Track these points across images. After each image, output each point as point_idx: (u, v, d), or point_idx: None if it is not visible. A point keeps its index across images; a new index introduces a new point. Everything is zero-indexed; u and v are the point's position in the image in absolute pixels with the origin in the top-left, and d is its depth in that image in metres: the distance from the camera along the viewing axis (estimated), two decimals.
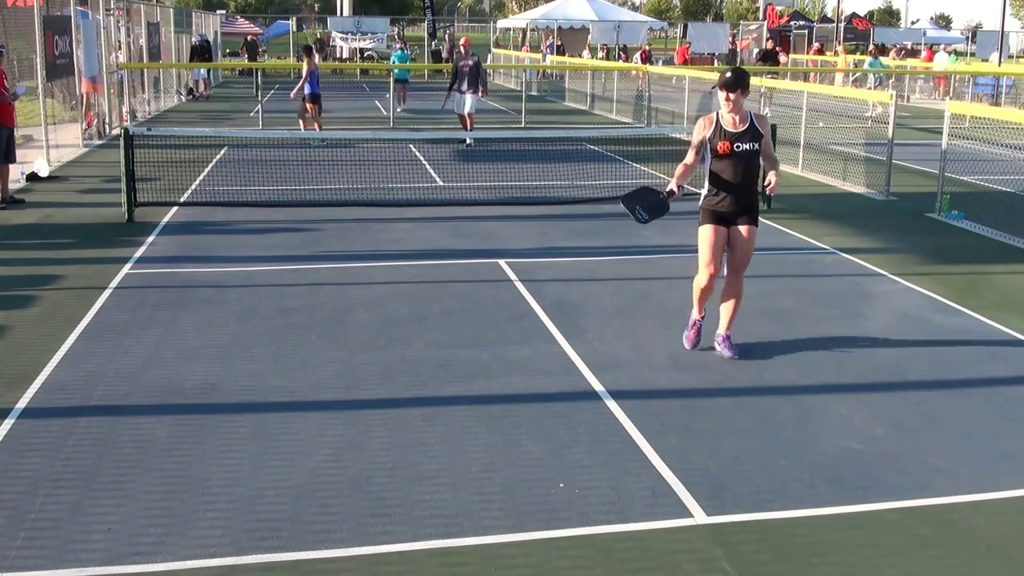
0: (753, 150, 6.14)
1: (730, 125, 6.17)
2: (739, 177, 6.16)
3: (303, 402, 5.49)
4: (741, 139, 6.10)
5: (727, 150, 6.10)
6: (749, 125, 6.15)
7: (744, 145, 6.11)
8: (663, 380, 5.95)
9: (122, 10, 19.90)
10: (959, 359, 6.45)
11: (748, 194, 6.24)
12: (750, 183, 6.23)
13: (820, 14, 68.70)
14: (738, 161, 6.12)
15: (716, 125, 6.20)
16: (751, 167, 6.21)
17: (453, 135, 16.38)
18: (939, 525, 4.24)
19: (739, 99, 6.11)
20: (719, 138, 6.15)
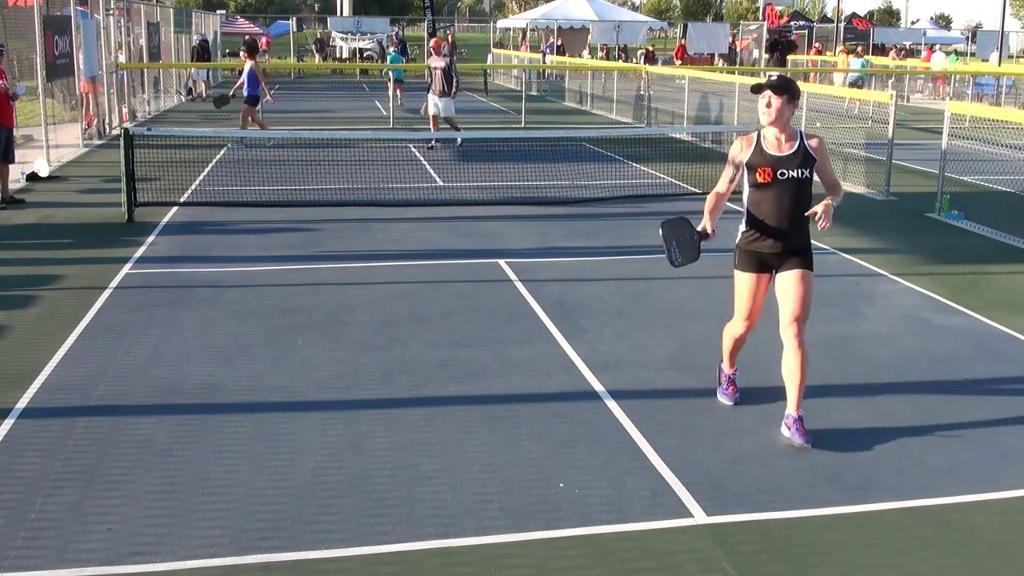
0: (803, 178, 4.98)
1: (774, 147, 5.04)
2: (785, 212, 5.00)
3: (303, 402, 5.49)
4: (787, 164, 4.97)
5: (768, 178, 4.98)
6: (799, 146, 5.02)
7: (791, 172, 4.96)
8: (663, 380, 5.94)
9: (122, 10, 19.90)
10: (959, 359, 6.45)
11: (797, 233, 5.05)
12: (800, 219, 5.02)
13: (820, 14, 68.72)
14: (783, 192, 4.98)
15: (756, 146, 5.08)
16: (801, 199, 5.01)
17: (453, 135, 16.38)
18: (939, 525, 4.24)
19: (784, 108, 4.94)
20: (759, 162, 5.02)
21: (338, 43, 41.74)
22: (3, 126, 11.16)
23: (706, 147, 17.27)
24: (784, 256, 5.07)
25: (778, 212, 5.02)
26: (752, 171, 5.05)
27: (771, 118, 4.96)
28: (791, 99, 4.98)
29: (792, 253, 5.05)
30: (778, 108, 4.95)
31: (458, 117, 17.39)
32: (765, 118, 4.99)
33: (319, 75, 38.18)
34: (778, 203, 5.01)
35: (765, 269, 5.14)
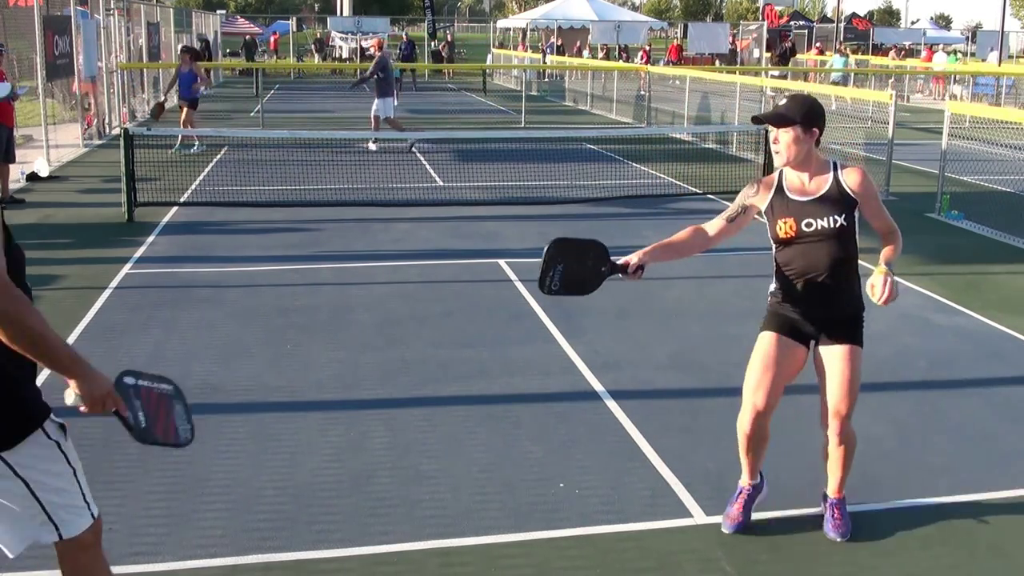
0: (839, 229, 3.84)
1: (797, 190, 3.91)
2: (821, 273, 3.88)
3: (303, 402, 5.49)
4: (816, 212, 3.84)
5: (793, 232, 3.87)
6: (831, 186, 3.86)
7: (821, 222, 3.83)
8: (663, 380, 5.95)
9: (122, 10, 19.90)
10: (959, 359, 6.45)
11: (840, 298, 3.93)
12: (843, 279, 3.91)
13: (820, 14, 68.73)
14: (815, 248, 3.87)
15: (776, 189, 3.96)
16: (843, 254, 3.89)
17: (452, 135, 16.37)
18: (939, 525, 4.24)
19: (798, 142, 3.81)
20: (780, 212, 3.91)
21: (337, 43, 41.75)
22: (3, 125, 11.16)
23: (706, 147, 17.28)
24: (825, 326, 3.96)
25: (812, 273, 3.88)
26: (772, 223, 3.96)
27: (782, 159, 3.87)
28: (807, 126, 3.80)
29: (836, 323, 3.95)
30: (788, 144, 3.82)
31: (458, 117, 17.39)
32: (777, 159, 3.90)
33: (319, 75, 38.17)
34: (811, 262, 3.87)
35: (797, 336, 3.99)
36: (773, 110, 3.88)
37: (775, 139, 3.86)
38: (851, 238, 3.90)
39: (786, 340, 3.98)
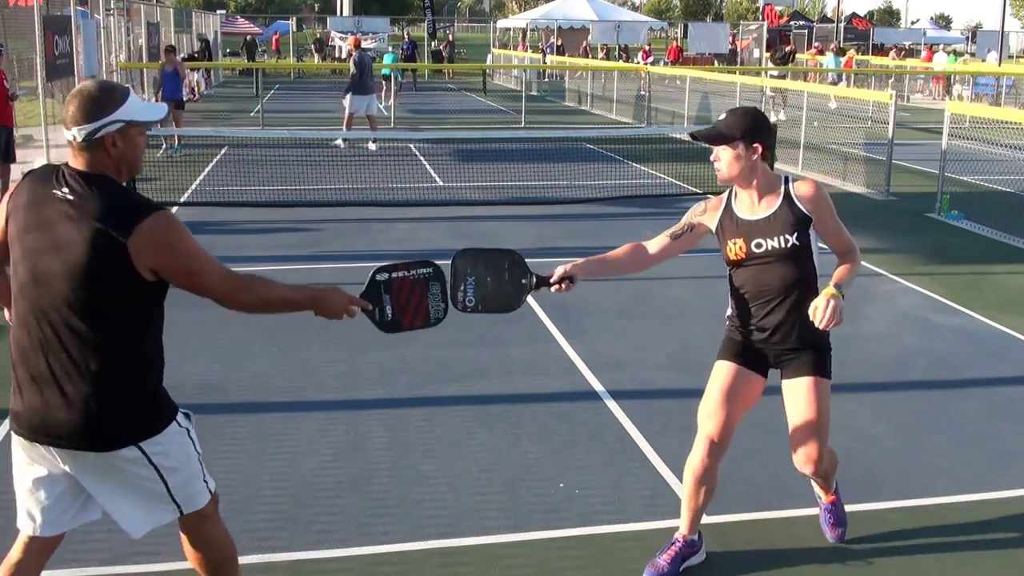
0: (791, 249, 3.53)
1: (746, 208, 3.66)
2: (776, 295, 3.59)
3: (303, 402, 5.49)
4: (766, 232, 3.56)
5: (743, 254, 3.61)
6: (782, 203, 3.56)
7: (772, 242, 3.54)
8: (663, 380, 5.95)
9: (122, 10, 19.90)
10: (959, 359, 6.45)
11: (799, 322, 3.55)
12: (801, 303, 3.53)
13: (820, 14, 68.74)
14: (767, 270, 3.58)
15: (726, 208, 3.76)
16: (799, 275, 3.57)
17: (452, 135, 16.37)
18: (939, 525, 4.24)
19: (739, 160, 3.56)
20: (729, 233, 3.68)
21: (337, 43, 41.74)
22: (2, 126, 11.16)
23: (706, 147, 17.25)
24: (785, 354, 3.66)
25: (766, 297, 3.60)
26: (722, 244, 3.71)
27: (722, 176, 3.65)
28: (749, 142, 3.52)
29: (796, 352, 3.62)
30: (729, 162, 3.59)
31: (459, 117, 17.39)
32: (718, 176, 3.68)
33: (319, 75, 38.19)
34: (763, 285, 3.58)
35: (754, 364, 3.69)
36: (711, 126, 3.67)
37: (715, 157, 3.65)
38: (807, 258, 3.57)
39: (743, 370, 3.69)
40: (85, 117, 2.72)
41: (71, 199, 2.72)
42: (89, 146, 2.75)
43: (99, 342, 2.76)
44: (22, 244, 2.77)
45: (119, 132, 2.76)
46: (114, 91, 2.82)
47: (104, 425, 2.79)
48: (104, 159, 2.77)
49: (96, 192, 2.73)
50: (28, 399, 2.79)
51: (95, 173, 2.77)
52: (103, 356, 2.77)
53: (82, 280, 2.70)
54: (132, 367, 2.87)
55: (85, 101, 2.73)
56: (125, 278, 2.74)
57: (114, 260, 2.70)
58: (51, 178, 2.79)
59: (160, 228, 2.75)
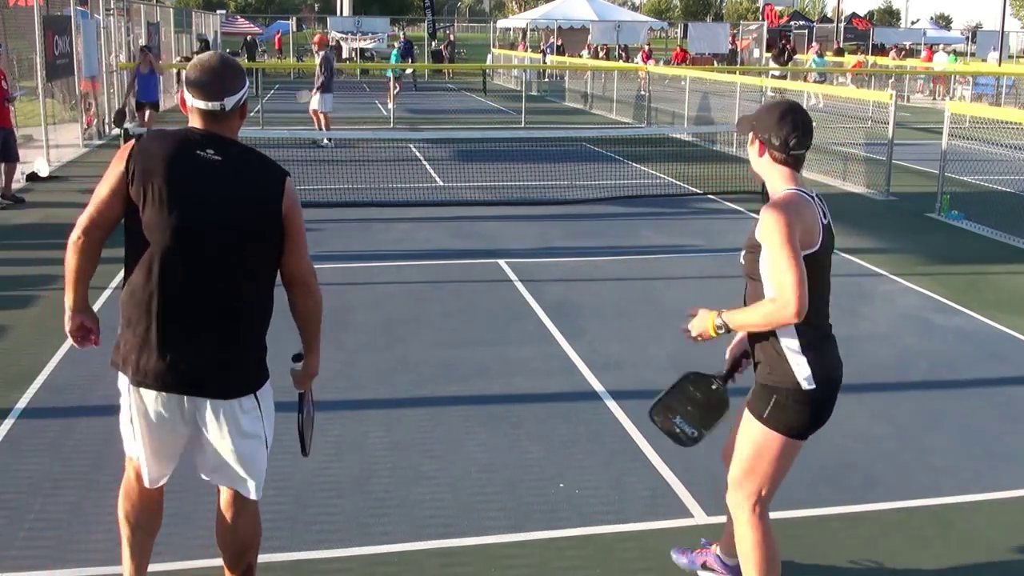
0: (746, 268, 3.24)
1: None
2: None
3: None
4: (745, 244, 3.26)
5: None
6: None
7: (742, 256, 3.30)
8: (663, 380, 5.89)
9: (122, 10, 19.89)
10: (959, 359, 6.45)
11: (754, 350, 3.32)
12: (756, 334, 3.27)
13: (820, 14, 68.74)
14: (746, 286, 3.32)
15: None
16: (754, 300, 3.21)
17: (452, 135, 16.35)
18: (939, 525, 4.24)
19: (752, 153, 3.30)
20: None
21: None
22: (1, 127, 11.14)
23: (706, 147, 17.28)
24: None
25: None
26: None
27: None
28: (756, 135, 3.25)
29: (757, 379, 3.30)
30: (751, 154, 3.32)
31: (459, 117, 17.38)
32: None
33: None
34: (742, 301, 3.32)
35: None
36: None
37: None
38: (759, 285, 3.16)
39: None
40: (235, 87, 2.99)
41: (219, 158, 2.94)
42: (231, 114, 3.00)
43: (251, 295, 3.05)
44: (170, 199, 2.90)
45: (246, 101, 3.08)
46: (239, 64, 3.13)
47: (240, 374, 3.12)
48: (237, 125, 3.08)
49: (243, 154, 3.01)
50: (168, 351, 2.97)
51: (230, 138, 3.03)
52: (252, 309, 3.09)
53: (241, 238, 2.95)
54: (267, 320, 3.19)
55: (234, 71, 3.02)
56: (276, 234, 3.02)
57: (271, 217, 2.99)
58: (185, 140, 2.97)
59: (294, 190, 3.07)
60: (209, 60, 3.02)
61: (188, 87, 2.98)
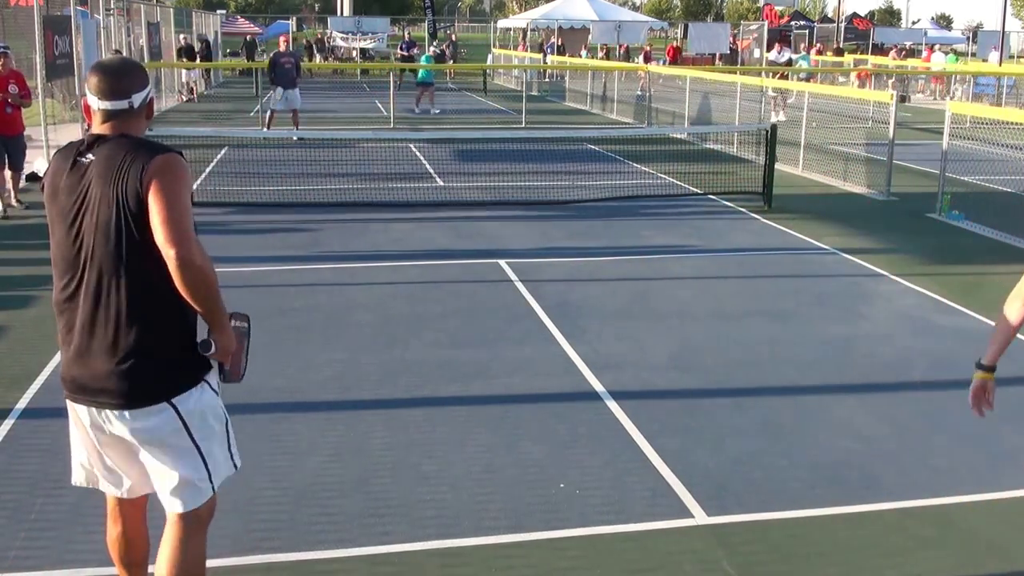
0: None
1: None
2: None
3: (303, 402, 5.49)
4: None
5: None
6: None
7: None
8: (663, 380, 5.94)
9: (122, 10, 19.90)
10: (959, 359, 6.44)
11: None
12: None
13: (821, 14, 68.73)
14: None
15: None
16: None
17: (452, 135, 16.34)
18: (939, 525, 4.24)
19: None
20: None
21: (338, 43, 41.71)
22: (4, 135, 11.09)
23: (707, 147, 17.28)
24: None
25: None
26: None
27: None
28: None
29: None
30: None
31: (460, 117, 17.39)
32: None
33: (319, 75, 38.19)
34: None
35: None
36: None
37: None
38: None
39: None
40: (141, 84, 2.98)
41: (92, 157, 2.89)
42: (138, 112, 2.98)
43: (144, 296, 2.90)
44: (58, 211, 2.92)
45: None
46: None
47: (139, 379, 2.90)
48: (143, 125, 3.04)
49: (125, 148, 2.90)
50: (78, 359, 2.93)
51: (126, 136, 2.95)
52: (147, 310, 2.91)
53: (117, 237, 2.86)
54: (170, 319, 2.98)
55: (138, 69, 3.02)
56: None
57: (140, 206, 2.85)
58: (73, 149, 2.95)
59: (166, 164, 2.90)
60: (111, 61, 3.03)
61: (92, 89, 2.93)
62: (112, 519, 3.24)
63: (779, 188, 12.10)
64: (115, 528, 3.24)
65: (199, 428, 3.01)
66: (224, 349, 3.03)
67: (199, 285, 2.85)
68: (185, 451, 2.99)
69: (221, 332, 3.00)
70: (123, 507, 3.21)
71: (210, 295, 2.89)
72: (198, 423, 3.00)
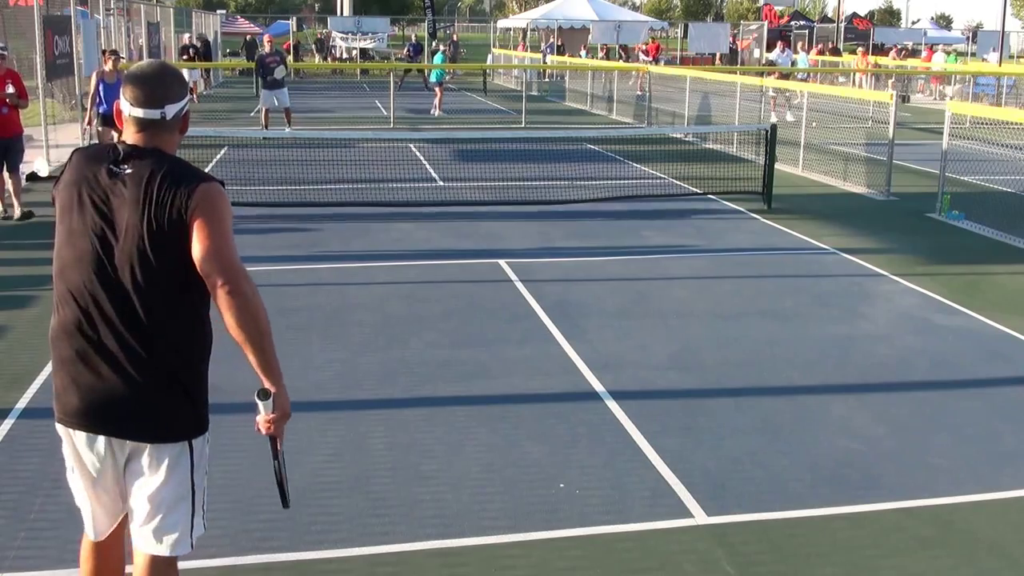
0: None
1: None
2: None
3: (303, 402, 5.47)
4: None
5: None
6: None
7: None
8: (663, 380, 5.94)
9: (122, 10, 19.89)
10: (959, 359, 6.45)
11: None
12: None
13: (821, 14, 68.71)
14: None
15: None
16: None
17: (452, 135, 16.33)
18: (939, 525, 4.24)
19: None
20: None
21: (338, 43, 41.70)
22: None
23: (707, 147, 17.27)
24: None
25: None
26: None
27: None
28: None
29: None
30: None
31: (460, 117, 17.40)
32: None
33: (319, 75, 38.19)
34: None
35: None
36: None
37: None
38: None
39: None
40: (178, 95, 2.82)
41: (131, 171, 2.73)
42: (171, 124, 2.82)
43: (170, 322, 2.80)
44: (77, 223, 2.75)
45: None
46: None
47: (164, 413, 2.78)
48: (176, 139, 2.88)
49: (161, 165, 2.75)
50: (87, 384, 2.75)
51: (158, 150, 2.80)
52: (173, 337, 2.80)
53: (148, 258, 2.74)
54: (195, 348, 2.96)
55: (176, 79, 2.85)
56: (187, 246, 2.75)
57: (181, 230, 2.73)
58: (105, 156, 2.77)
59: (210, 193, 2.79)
60: (150, 67, 2.85)
61: (125, 94, 2.77)
62: (88, 554, 3.12)
63: (779, 188, 12.10)
64: (89, 563, 3.12)
65: (200, 476, 2.92)
66: (281, 407, 2.86)
67: (249, 319, 2.77)
68: (182, 496, 2.88)
69: (277, 382, 2.85)
70: (100, 546, 3.10)
71: (262, 331, 2.79)
72: (200, 472, 2.92)
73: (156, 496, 2.84)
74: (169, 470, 2.82)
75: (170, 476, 2.83)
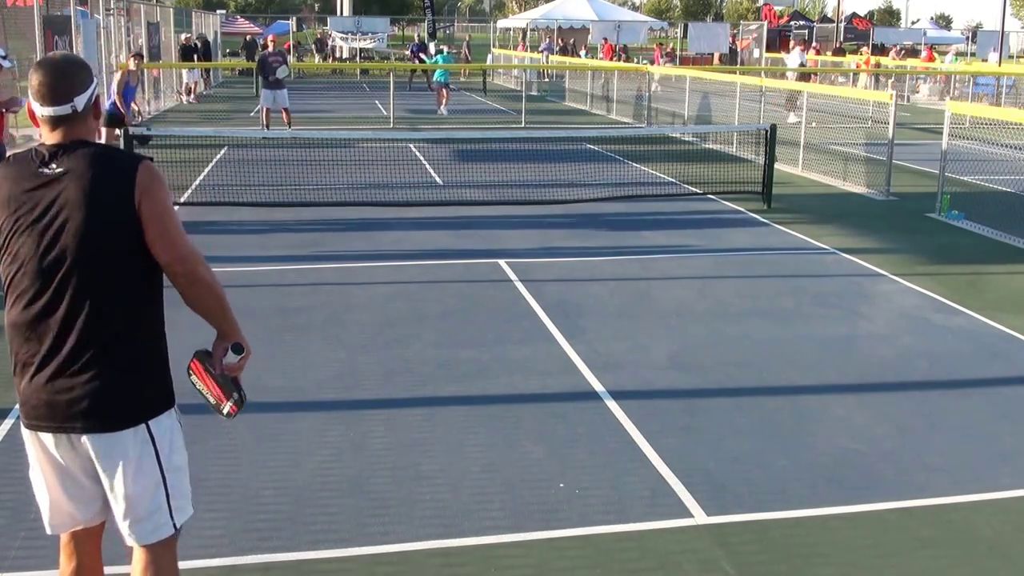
0: None
1: None
2: None
3: (303, 402, 5.49)
4: None
5: None
6: None
7: None
8: (663, 380, 5.94)
9: (122, 10, 19.89)
10: (959, 359, 6.45)
11: None
12: None
13: (820, 14, 68.72)
14: None
15: None
16: None
17: (452, 135, 16.33)
18: (939, 525, 4.24)
19: None
20: None
21: (338, 43, 41.71)
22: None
23: (707, 147, 17.28)
24: None
25: None
26: None
27: None
28: None
29: None
30: None
31: (460, 117, 17.41)
32: None
33: (319, 75, 38.20)
34: None
35: None
36: None
37: None
38: None
39: None
40: (84, 84, 2.77)
41: (62, 170, 2.70)
42: (84, 114, 2.78)
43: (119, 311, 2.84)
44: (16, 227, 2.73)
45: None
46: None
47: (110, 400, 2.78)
48: (94, 127, 2.85)
49: (91, 157, 2.74)
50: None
51: (83, 142, 2.78)
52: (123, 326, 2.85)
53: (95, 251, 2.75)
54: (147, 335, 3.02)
55: (79, 67, 2.80)
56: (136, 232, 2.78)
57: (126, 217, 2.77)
58: (30, 160, 2.74)
59: (152, 173, 2.84)
60: (51, 62, 2.78)
61: (34, 94, 2.72)
62: (66, 555, 3.08)
63: (779, 188, 12.10)
64: (69, 564, 3.08)
65: (167, 457, 2.88)
66: (248, 349, 3.08)
67: (210, 297, 2.91)
68: (155, 482, 2.85)
69: (239, 333, 3.03)
70: (78, 540, 3.06)
71: (222, 304, 2.94)
72: (167, 451, 2.88)
73: (128, 486, 2.83)
74: (134, 458, 2.81)
75: (137, 463, 2.82)
